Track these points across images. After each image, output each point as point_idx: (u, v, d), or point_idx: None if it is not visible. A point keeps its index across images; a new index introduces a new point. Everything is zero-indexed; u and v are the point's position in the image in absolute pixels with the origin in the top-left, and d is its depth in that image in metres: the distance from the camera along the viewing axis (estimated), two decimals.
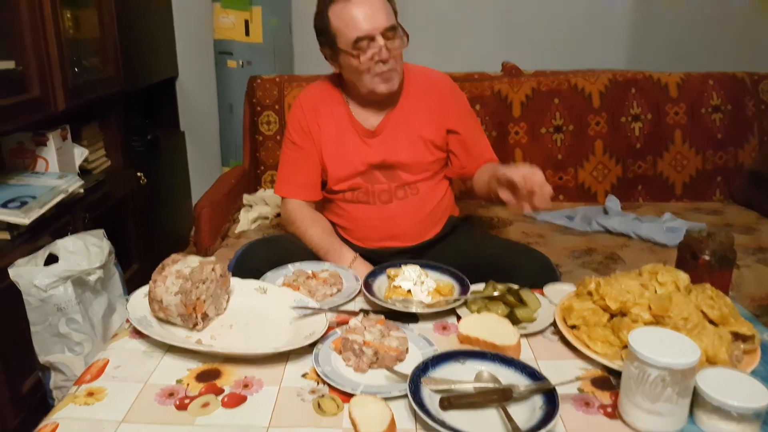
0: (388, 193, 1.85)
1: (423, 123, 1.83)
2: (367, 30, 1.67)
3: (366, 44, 1.69)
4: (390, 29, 1.69)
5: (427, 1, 3.32)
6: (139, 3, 2.96)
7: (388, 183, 1.84)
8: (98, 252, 1.89)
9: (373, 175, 1.84)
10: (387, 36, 1.69)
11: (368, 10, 1.67)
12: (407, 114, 1.84)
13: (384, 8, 1.69)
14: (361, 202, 1.87)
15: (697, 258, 1.40)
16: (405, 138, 1.83)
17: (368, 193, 1.85)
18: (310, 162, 1.88)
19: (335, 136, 1.86)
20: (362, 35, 1.68)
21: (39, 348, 1.84)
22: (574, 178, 2.79)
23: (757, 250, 2.20)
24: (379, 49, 1.68)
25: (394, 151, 1.82)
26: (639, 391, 0.98)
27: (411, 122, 1.83)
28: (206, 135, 3.62)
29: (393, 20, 1.71)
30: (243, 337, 1.28)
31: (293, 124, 1.90)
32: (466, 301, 1.40)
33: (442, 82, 1.93)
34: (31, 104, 1.99)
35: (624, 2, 3.31)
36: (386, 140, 1.83)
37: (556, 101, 2.75)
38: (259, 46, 3.14)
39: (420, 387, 1.05)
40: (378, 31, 1.67)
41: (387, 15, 1.69)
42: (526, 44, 3.33)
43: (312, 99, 1.90)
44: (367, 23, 1.67)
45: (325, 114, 1.87)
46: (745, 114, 2.79)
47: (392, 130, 1.83)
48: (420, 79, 1.88)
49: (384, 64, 1.70)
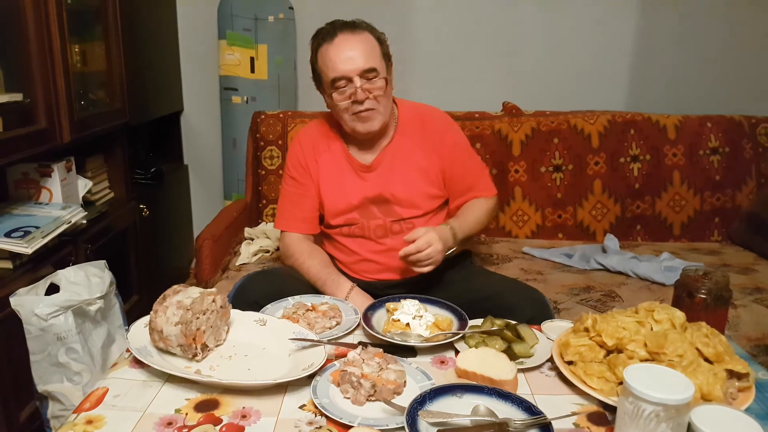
0: (384, 228, 1.88)
1: (419, 157, 1.88)
2: (343, 71, 1.74)
3: (343, 84, 1.75)
4: (369, 71, 1.74)
5: (430, 41, 3.38)
6: (146, 38, 3.01)
7: (383, 218, 1.88)
8: (99, 282, 1.90)
9: (369, 210, 1.88)
10: (366, 77, 1.74)
11: (348, 52, 1.73)
12: (402, 149, 1.88)
13: (366, 51, 1.75)
14: (356, 236, 1.90)
15: (693, 296, 1.41)
16: (400, 172, 1.87)
17: (364, 228, 1.89)
18: (309, 197, 1.93)
19: (332, 172, 1.90)
20: (338, 76, 1.75)
21: (38, 377, 1.83)
22: (573, 216, 2.81)
23: (755, 291, 2.21)
24: (354, 90, 1.74)
25: (390, 184, 1.86)
26: (633, 427, 0.98)
27: (406, 157, 1.88)
28: (210, 169, 3.66)
29: (374, 63, 1.75)
30: (242, 368, 1.29)
31: (292, 161, 1.95)
32: (464, 336, 1.41)
33: (437, 116, 1.96)
34: (38, 136, 2.01)
35: (623, 46, 3.36)
36: (382, 174, 1.88)
37: (556, 141, 2.79)
38: (264, 83, 3.20)
39: (417, 420, 1.06)
40: (355, 73, 1.73)
41: (367, 57, 1.74)
42: (526, 85, 3.38)
43: (310, 136, 1.95)
44: (344, 64, 1.73)
45: (323, 150, 1.92)
46: (743, 156, 2.83)
47: (388, 164, 1.88)
48: (415, 115, 1.92)
49: (360, 104, 1.75)
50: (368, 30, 1.80)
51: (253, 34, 3.13)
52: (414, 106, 1.96)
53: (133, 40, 2.75)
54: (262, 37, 3.15)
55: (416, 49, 3.37)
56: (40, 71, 2.00)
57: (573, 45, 3.36)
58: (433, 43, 3.39)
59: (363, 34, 1.77)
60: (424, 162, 1.88)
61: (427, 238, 1.65)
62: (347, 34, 1.75)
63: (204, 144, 3.63)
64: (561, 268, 2.45)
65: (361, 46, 1.74)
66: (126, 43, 2.61)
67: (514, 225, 2.81)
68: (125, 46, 2.60)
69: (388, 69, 1.82)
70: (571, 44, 3.37)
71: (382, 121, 1.81)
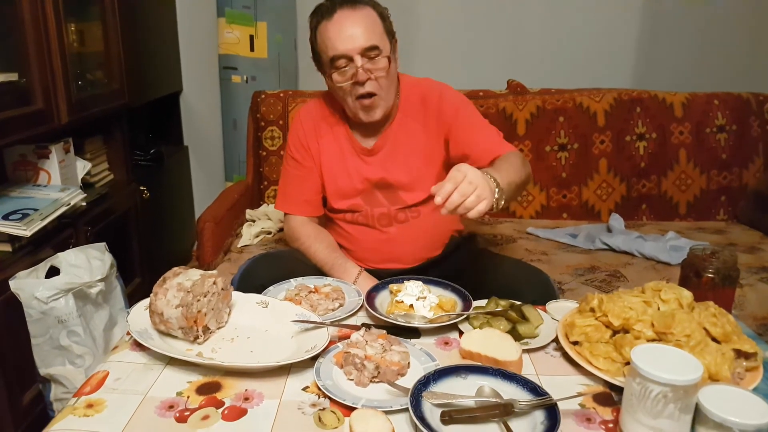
0: (388, 216, 1.83)
1: (422, 137, 1.79)
2: (343, 50, 1.64)
3: (343, 63, 1.66)
4: (370, 49, 1.64)
5: (433, 17, 3.34)
6: (144, 17, 2.98)
7: (388, 206, 1.82)
8: (100, 265, 1.89)
9: (374, 196, 1.83)
10: (368, 56, 1.65)
11: (349, 30, 1.64)
12: (404, 131, 1.80)
13: (367, 27, 1.65)
14: (360, 224, 1.85)
15: (700, 276, 1.39)
16: (403, 156, 1.80)
17: (368, 216, 1.83)
18: (311, 179, 1.87)
19: (334, 154, 1.84)
20: (338, 54, 1.65)
21: (39, 360, 1.83)
22: (578, 196, 2.79)
23: (761, 270, 2.20)
24: (355, 70, 1.64)
25: (393, 169, 1.80)
26: (641, 408, 0.97)
27: (408, 139, 1.80)
28: (210, 150, 3.63)
29: (376, 40, 1.65)
30: (244, 350, 1.28)
31: (293, 141, 1.88)
32: (468, 317, 1.40)
33: (434, 87, 1.83)
34: (34, 117, 1.99)
35: (629, 22, 3.32)
36: (384, 159, 1.81)
37: (561, 119, 2.76)
38: (264, 62, 3.16)
39: (421, 401, 1.05)
40: (356, 52, 1.63)
41: (369, 34, 1.64)
42: (531, 63, 3.34)
43: (312, 115, 1.88)
44: (344, 43, 1.64)
45: (325, 131, 1.85)
46: (750, 135, 2.80)
47: (390, 148, 1.80)
48: (416, 92, 1.82)
49: (362, 86, 1.66)
50: (370, 5, 1.70)
51: (252, 11, 3.08)
52: (415, 83, 1.84)
53: (131, 19, 2.72)
54: (261, 14, 3.10)
55: (420, 25, 3.33)
56: (35, 51, 1.97)
57: (579, 21, 3.33)
58: (436, 20, 3.36)
59: (364, 10, 1.67)
60: (427, 141, 1.79)
61: (456, 170, 1.30)
62: (347, 10, 1.65)
63: (204, 125, 3.60)
64: (566, 249, 2.43)
65: (363, 23, 1.64)
66: (123, 23, 2.58)
67: (518, 205, 2.79)
68: (123, 26, 2.57)
69: (392, 47, 1.72)
70: (576, 20, 3.33)
71: (386, 108, 1.73)
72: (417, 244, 1.84)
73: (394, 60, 1.72)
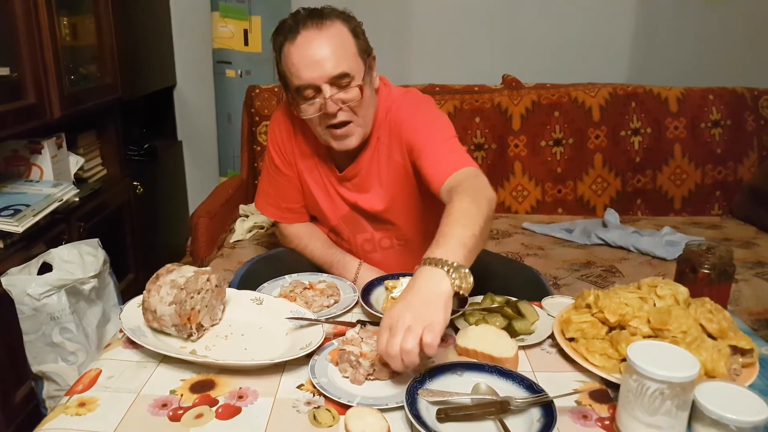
0: (371, 242, 1.73)
1: (396, 155, 1.60)
2: (309, 79, 1.45)
3: (311, 94, 1.47)
4: (340, 77, 1.44)
5: (428, 13, 3.32)
6: (137, 11, 2.96)
7: (372, 232, 1.72)
8: (93, 261, 1.88)
9: (356, 221, 1.71)
10: (338, 84, 1.45)
11: (314, 54, 1.43)
12: (378, 155, 1.62)
13: (336, 50, 1.44)
14: (344, 247, 1.76)
15: (696, 272, 1.39)
16: (377, 180, 1.63)
17: (351, 243, 1.74)
18: (292, 187, 1.74)
19: (313, 166, 1.69)
20: (303, 84, 1.46)
21: (32, 357, 1.82)
22: (573, 191, 2.78)
23: (756, 265, 2.20)
24: (324, 101, 1.46)
25: (367, 199, 1.66)
26: (637, 404, 0.97)
27: (381, 164, 1.62)
28: (204, 145, 3.62)
29: (346, 66, 1.45)
30: (238, 347, 1.27)
31: (272, 144, 1.72)
32: (463, 313, 1.39)
33: (398, 99, 1.61)
34: (26, 111, 1.98)
35: (625, 17, 3.32)
36: (358, 186, 1.66)
37: (557, 114, 2.76)
38: (258, 56, 3.14)
39: (417, 399, 1.04)
40: (323, 80, 1.44)
41: (338, 60, 1.44)
42: (527, 57, 3.33)
43: (288, 119, 1.69)
44: (309, 70, 1.44)
45: (302, 136, 1.68)
46: (745, 129, 2.81)
47: (364, 175, 1.64)
48: (387, 108, 1.61)
49: (333, 117, 1.48)
50: (340, 19, 1.48)
51: (246, 5, 3.07)
52: (386, 98, 1.62)
53: (124, 12, 2.70)
54: (256, 8, 3.08)
55: (414, 21, 3.32)
56: (27, 45, 1.95)
57: (574, 16, 3.32)
58: (431, 15, 3.34)
59: (333, 28, 1.45)
60: (399, 160, 1.60)
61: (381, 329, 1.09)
62: (312, 30, 1.44)
63: (198, 119, 3.59)
64: (561, 244, 2.43)
65: (330, 45, 1.43)
66: (117, 16, 2.56)
67: (513, 200, 2.79)
68: (116, 19, 2.55)
69: (367, 68, 1.51)
70: (572, 15, 3.32)
71: (362, 135, 1.54)
72: (403, 265, 1.72)
73: (369, 83, 1.53)
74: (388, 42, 1.72)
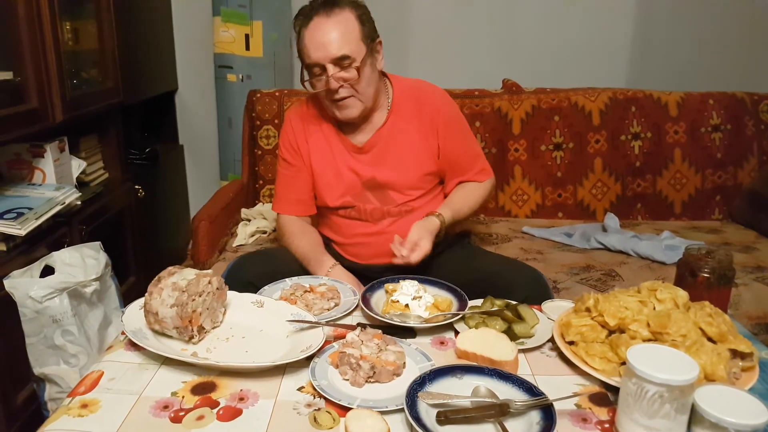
0: (381, 211, 1.85)
1: (414, 137, 1.81)
2: (316, 59, 1.67)
3: (318, 71, 1.70)
4: (342, 59, 1.66)
5: (429, 17, 3.33)
6: (139, 15, 2.96)
7: (379, 205, 1.84)
8: (95, 264, 1.88)
9: (364, 196, 1.84)
10: (340, 65, 1.67)
11: (321, 38, 1.65)
12: (397, 131, 1.82)
13: (341, 34, 1.65)
14: (353, 219, 1.87)
15: (696, 275, 1.40)
16: (394, 155, 1.81)
17: (360, 211, 1.85)
18: (302, 178, 1.89)
19: (324, 152, 1.86)
20: (311, 63, 1.69)
21: (34, 360, 1.82)
22: (573, 195, 2.79)
23: (756, 269, 2.20)
24: (327, 78, 1.67)
25: (384, 169, 1.82)
26: (637, 408, 0.97)
27: (401, 139, 1.81)
28: (205, 149, 3.62)
29: (348, 49, 1.65)
30: (239, 350, 1.28)
31: (284, 142, 1.91)
32: (464, 317, 1.39)
33: (433, 92, 1.87)
34: (29, 115, 1.98)
35: (625, 22, 3.32)
36: (375, 158, 1.83)
37: (557, 119, 2.76)
38: (259, 61, 3.15)
39: (417, 401, 1.04)
40: (327, 60, 1.66)
41: (341, 43, 1.65)
42: (526, 62, 3.34)
43: (301, 115, 1.89)
44: (316, 51, 1.66)
45: (314, 129, 1.87)
46: (745, 134, 2.80)
47: (382, 147, 1.82)
48: (410, 93, 1.85)
49: (335, 93, 1.69)
50: (350, 7, 1.69)
51: (248, 10, 3.07)
52: (409, 84, 1.87)
53: (126, 17, 2.70)
54: (257, 13, 3.09)
55: (415, 24, 3.33)
56: (30, 49, 1.96)
57: (574, 20, 3.32)
58: (431, 19, 3.35)
59: (341, 15, 1.66)
60: (420, 141, 1.81)
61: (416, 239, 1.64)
62: (322, 17, 1.66)
63: (199, 123, 3.59)
64: (561, 248, 2.43)
65: (336, 30, 1.65)
66: (119, 21, 2.56)
67: (513, 204, 2.79)
68: (118, 24, 2.56)
69: (370, 51, 1.71)
70: (572, 19, 3.32)
71: (362, 108, 1.75)
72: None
73: (370, 65, 1.72)
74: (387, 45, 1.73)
